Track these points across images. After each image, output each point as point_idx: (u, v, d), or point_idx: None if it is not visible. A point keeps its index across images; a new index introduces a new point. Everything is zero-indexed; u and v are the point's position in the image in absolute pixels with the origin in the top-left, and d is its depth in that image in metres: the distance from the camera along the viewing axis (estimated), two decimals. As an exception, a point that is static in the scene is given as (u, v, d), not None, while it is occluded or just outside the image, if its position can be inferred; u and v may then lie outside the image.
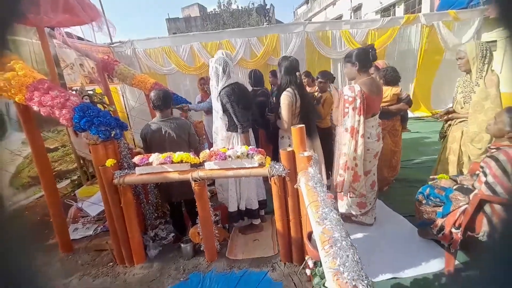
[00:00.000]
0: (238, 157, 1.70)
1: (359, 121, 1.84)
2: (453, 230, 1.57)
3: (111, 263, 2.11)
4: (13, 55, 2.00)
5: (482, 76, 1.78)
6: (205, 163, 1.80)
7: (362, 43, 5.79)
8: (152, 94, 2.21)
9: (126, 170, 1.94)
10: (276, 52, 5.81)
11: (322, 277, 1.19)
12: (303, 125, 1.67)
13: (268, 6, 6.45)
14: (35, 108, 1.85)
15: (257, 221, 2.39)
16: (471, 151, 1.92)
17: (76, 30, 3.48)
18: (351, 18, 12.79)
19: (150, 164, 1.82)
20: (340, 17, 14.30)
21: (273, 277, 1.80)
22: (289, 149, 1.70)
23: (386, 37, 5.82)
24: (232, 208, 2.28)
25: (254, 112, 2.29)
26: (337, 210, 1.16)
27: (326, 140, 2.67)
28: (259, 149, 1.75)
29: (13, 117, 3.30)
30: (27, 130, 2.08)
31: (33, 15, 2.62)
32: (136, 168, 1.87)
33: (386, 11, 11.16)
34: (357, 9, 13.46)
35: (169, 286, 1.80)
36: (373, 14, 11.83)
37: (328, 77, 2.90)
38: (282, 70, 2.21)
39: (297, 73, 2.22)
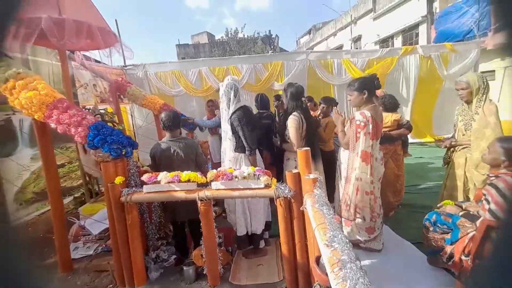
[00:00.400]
0: (244, 177, 1.73)
1: (371, 145, 1.89)
2: (463, 257, 1.54)
3: (111, 285, 2.05)
4: (36, 75, 2.13)
5: (481, 105, 1.86)
6: (212, 183, 1.83)
7: (362, 70, 6.06)
8: (162, 115, 2.31)
9: (133, 188, 1.96)
10: (280, 77, 6.08)
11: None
12: (309, 147, 1.72)
13: (273, 36, 6.88)
14: (53, 125, 1.94)
15: (261, 245, 2.34)
16: (476, 177, 1.94)
17: (93, 53, 3.73)
18: (351, 48, 13.43)
19: (158, 182, 1.85)
20: (340, 46, 15.04)
21: (277, 305, 1.73)
22: (295, 171, 1.73)
23: (386, 66, 6.10)
24: (241, 232, 2.25)
25: (259, 134, 2.37)
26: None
27: (329, 163, 2.70)
28: (266, 170, 1.78)
29: (26, 133, 3.42)
30: (41, 145, 2.15)
31: (56, 39, 2.85)
32: (144, 186, 1.90)
33: (384, 42, 11.77)
34: (357, 39, 14.22)
35: (170, 312, 1.73)
36: (372, 44, 12.45)
37: (330, 102, 3.02)
38: (288, 95, 2.33)
39: (303, 99, 2.36)
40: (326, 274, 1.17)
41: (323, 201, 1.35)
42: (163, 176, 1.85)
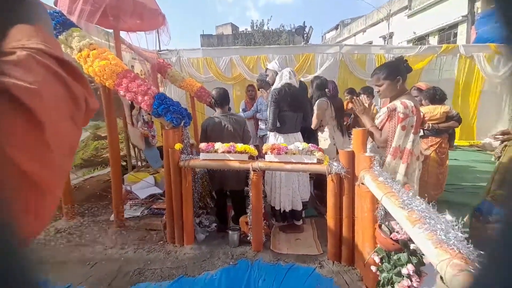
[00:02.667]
0: (298, 152, 1.83)
1: (413, 141, 1.66)
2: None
3: (162, 242, 2.25)
4: (105, 47, 2.32)
5: None
6: (266, 155, 1.94)
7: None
8: (213, 92, 2.44)
9: (190, 155, 2.12)
10: (311, 69, 6.06)
11: (390, 271, 1.23)
12: (364, 128, 1.78)
13: (307, 28, 6.84)
14: (121, 92, 2.12)
15: (299, 222, 2.45)
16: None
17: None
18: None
19: (214, 151, 1.99)
20: (370, 43, 14.61)
21: (321, 273, 1.83)
22: (349, 149, 1.80)
23: (422, 63, 5.90)
24: (278, 207, 2.37)
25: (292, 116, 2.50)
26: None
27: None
28: (319, 147, 1.86)
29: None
30: (107, 113, 2.35)
31: (112, 18, 3.04)
32: (201, 153, 2.05)
33: (420, 40, 11.28)
34: (389, 37, 13.70)
35: (220, 267, 1.89)
36: (405, 43, 11.97)
37: (369, 91, 3.08)
38: (314, 86, 2.83)
39: (326, 89, 2.83)
40: (390, 238, 1.25)
41: (385, 175, 1.41)
42: (220, 145, 1.99)
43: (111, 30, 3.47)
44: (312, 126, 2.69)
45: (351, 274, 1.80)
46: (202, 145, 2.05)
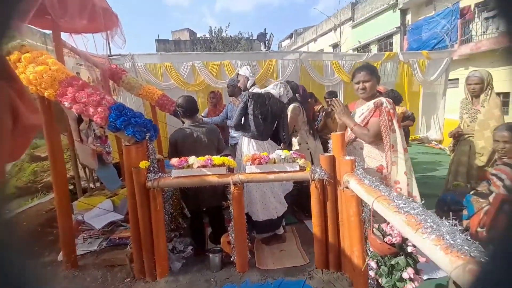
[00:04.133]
0: (281, 161, 1.74)
1: (400, 134, 1.74)
2: (479, 229, 1.72)
3: (129, 279, 1.90)
4: (44, 50, 1.92)
5: (487, 99, 2.10)
6: (246, 167, 1.80)
7: (349, 73, 6.42)
8: (180, 101, 2.23)
9: (159, 174, 1.86)
10: (274, 75, 6.17)
11: (390, 274, 1.22)
12: (343, 132, 1.79)
13: (268, 35, 6.98)
14: (67, 104, 1.75)
15: (280, 231, 2.36)
16: (478, 162, 2.18)
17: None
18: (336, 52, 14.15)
19: (189, 166, 1.78)
20: (321, 51, 15.78)
21: (312, 285, 1.76)
22: (328, 153, 1.79)
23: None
24: (258, 217, 2.24)
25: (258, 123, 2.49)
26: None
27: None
28: (301, 154, 1.81)
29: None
30: (47, 129, 1.92)
31: (50, 17, 2.57)
32: (173, 170, 1.81)
33: (364, 48, 12.60)
34: (335, 46, 15.00)
35: (204, 299, 1.67)
36: (350, 51, 13.24)
37: (335, 95, 3.22)
38: None
39: (297, 94, 2.85)
40: (385, 242, 1.23)
41: (370, 178, 1.42)
42: (195, 159, 1.78)
43: (49, 32, 2.94)
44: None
45: (341, 281, 1.77)
46: (174, 161, 1.81)
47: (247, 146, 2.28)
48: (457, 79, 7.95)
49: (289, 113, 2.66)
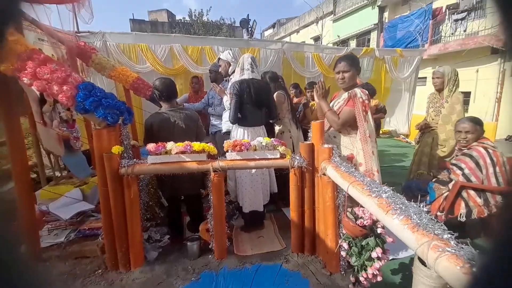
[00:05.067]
0: (261, 147, 1.75)
1: (373, 126, 1.83)
2: (438, 213, 1.90)
3: (100, 271, 1.81)
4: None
5: (450, 95, 2.28)
6: (227, 154, 1.78)
7: (329, 66, 6.56)
8: (157, 83, 2.11)
9: (134, 160, 1.76)
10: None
11: (360, 254, 1.30)
12: (322, 120, 1.84)
13: (251, 21, 6.80)
14: (26, 80, 1.57)
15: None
16: (439, 153, 2.38)
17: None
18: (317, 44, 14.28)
19: (167, 153, 1.71)
20: (303, 43, 15.86)
21: (288, 268, 1.83)
22: (308, 142, 1.83)
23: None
24: (246, 208, 2.26)
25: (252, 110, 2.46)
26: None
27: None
28: (281, 141, 1.83)
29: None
30: (4, 111, 1.71)
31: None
32: (149, 157, 1.73)
33: (343, 43, 12.88)
34: (317, 39, 15.16)
35: (181, 286, 1.65)
36: (330, 44, 13.47)
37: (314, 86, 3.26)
38: (268, 79, 2.77)
39: (279, 80, 2.82)
40: (357, 225, 1.31)
41: (346, 165, 1.48)
42: (173, 145, 1.72)
43: None
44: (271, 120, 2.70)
45: (315, 263, 1.86)
46: (150, 146, 1.73)
47: (242, 135, 2.24)
48: (425, 77, 8.50)
49: (277, 101, 2.63)
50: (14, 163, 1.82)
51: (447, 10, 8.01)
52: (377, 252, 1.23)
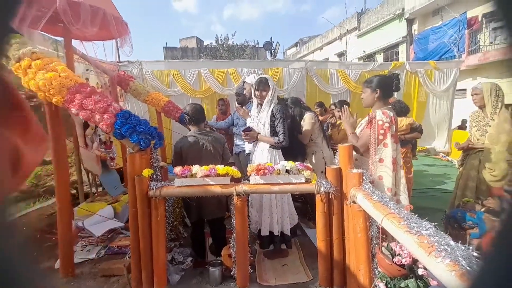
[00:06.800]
0: (287, 171, 1.70)
1: (395, 150, 1.69)
2: (493, 251, 1.63)
3: (126, 290, 1.85)
4: (54, 56, 1.95)
5: (496, 112, 2.05)
6: (250, 177, 1.77)
7: (356, 82, 6.40)
8: (188, 108, 2.22)
9: (162, 182, 1.83)
10: (280, 83, 6.19)
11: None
12: (350, 143, 1.75)
13: (274, 43, 7.05)
14: (74, 111, 1.76)
15: (283, 246, 2.30)
16: (488, 177, 2.10)
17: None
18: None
19: (192, 176, 1.75)
20: (326, 59, 15.87)
21: (315, 303, 1.68)
22: (335, 166, 1.75)
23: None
24: (265, 232, 2.19)
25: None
26: None
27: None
28: (307, 165, 1.77)
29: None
30: (53, 135, 1.93)
31: (62, 25, 2.63)
32: (176, 179, 1.78)
33: (369, 57, 12.61)
34: (341, 55, 15.07)
35: (202, 315, 1.60)
36: (356, 60, 13.26)
37: (346, 104, 3.16)
38: (290, 103, 2.86)
39: (302, 103, 2.94)
40: (395, 263, 1.17)
41: (379, 194, 1.36)
42: (198, 168, 1.76)
43: (61, 38, 3.01)
44: (305, 141, 2.70)
45: (346, 300, 1.69)
46: (177, 170, 1.79)
47: (274, 157, 2.19)
48: (465, 89, 7.86)
49: (306, 123, 2.67)
50: (57, 181, 2.01)
51: (483, 18, 7.50)
52: (419, 298, 1.07)
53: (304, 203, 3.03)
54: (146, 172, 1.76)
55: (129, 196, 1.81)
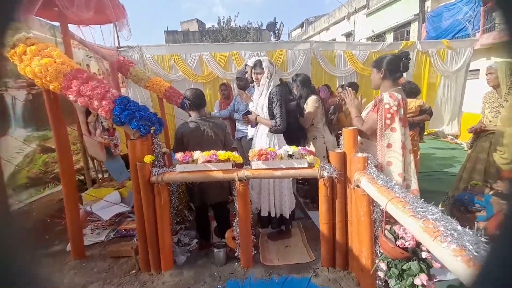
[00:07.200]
0: (289, 156, 1.68)
1: (404, 134, 1.63)
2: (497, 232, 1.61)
3: (134, 271, 1.93)
4: (49, 42, 1.90)
5: (510, 92, 1.94)
6: (252, 163, 1.75)
7: (363, 63, 6.15)
8: (188, 93, 2.17)
9: (158, 169, 1.83)
10: (284, 66, 6.00)
11: (400, 277, 1.15)
12: (355, 127, 1.70)
13: (278, 24, 6.75)
14: (71, 97, 1.74)
15: (282, 227, 2.32)
16: (499, 160, 2.03)
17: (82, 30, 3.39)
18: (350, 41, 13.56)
19: (194, 161, 1.75)
20: (333, 40, 15.18)
21: (317, 283, 1.72)
22: (339, 150, 1.71)
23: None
24: (264, 213, 2.21)
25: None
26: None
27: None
28: (309, 150, 1.74)
29: (18, 112, 3.08)
30: (53, 122, 1.93)
31: (58, 9, 2.54)
32: (177, 165, 1.78)
33: (378, 37, 12.02)
34: (348, 35, 14.41)
35: (208, 294, 1.67)
36: (364, 40, 12.67)
37: (353, 87, 3.04)
38: (299, 83, 2.70)
39: (312, 84, 2.74)
40: (398, 246, 1.16)
41: (384, 178, 1.33)
42: (200, 154, 1.74)
43: (58, 24, 2.94)
44: (306, 125, 2.60)
45: (347, 280, 1.72)
46: (178, 156, 1.78)
47: (276, 141, 2.14)
48: (478, 70, 7.47)
49: (309, 106, 2.56)
50: (61, 168, 2.04)
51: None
52: (421, 279, 1.07)
53: (312, 186, 3.02)
54: (148, 158, 1.76)
55: (132, 182, 1.83)
